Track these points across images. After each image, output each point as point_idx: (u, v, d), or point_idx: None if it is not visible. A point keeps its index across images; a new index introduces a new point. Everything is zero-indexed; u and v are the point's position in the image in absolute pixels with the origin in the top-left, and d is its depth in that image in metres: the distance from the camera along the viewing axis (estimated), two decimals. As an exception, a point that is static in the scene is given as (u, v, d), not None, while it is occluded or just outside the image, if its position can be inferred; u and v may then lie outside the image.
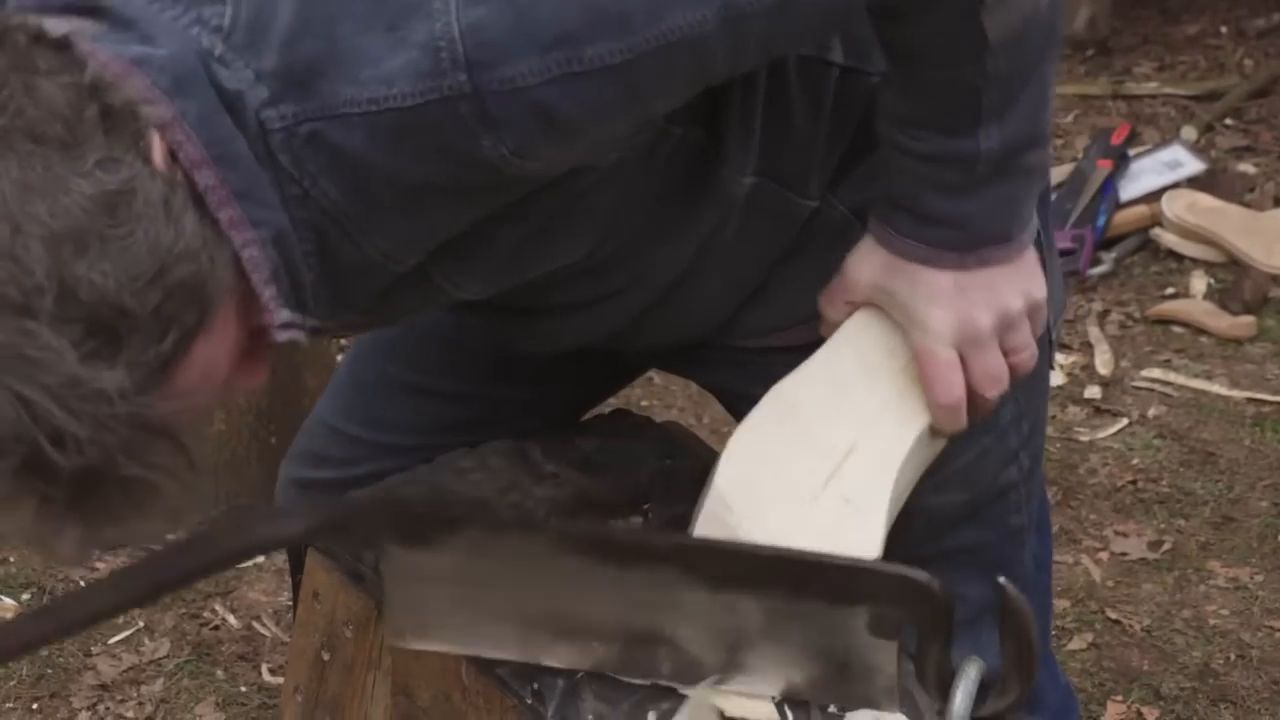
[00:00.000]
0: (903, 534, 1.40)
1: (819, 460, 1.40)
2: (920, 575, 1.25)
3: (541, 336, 1.57)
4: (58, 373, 1.07)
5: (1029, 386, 1.58)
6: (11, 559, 2.88)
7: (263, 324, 1.25)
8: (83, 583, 2.82)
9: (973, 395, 1.43)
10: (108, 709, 2.55)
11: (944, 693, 1.26)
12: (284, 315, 1.25)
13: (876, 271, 1.43)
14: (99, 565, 2.83)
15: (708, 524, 1.39)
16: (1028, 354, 1.44)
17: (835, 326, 1.48)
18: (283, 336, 1.26)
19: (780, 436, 1.42)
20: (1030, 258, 1.43)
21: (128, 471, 1.12)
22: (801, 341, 1.50)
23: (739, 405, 1.63)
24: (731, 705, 1.33)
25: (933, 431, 1.45)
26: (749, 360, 1.56)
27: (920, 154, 1.37)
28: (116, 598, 1.26)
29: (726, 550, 1.31)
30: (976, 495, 1.60)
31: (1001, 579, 1.20)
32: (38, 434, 1.07)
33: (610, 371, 1.79)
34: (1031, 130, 1.38)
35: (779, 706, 1.35)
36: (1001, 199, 1.39)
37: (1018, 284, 1.42)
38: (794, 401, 1.44)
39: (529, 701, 1.39)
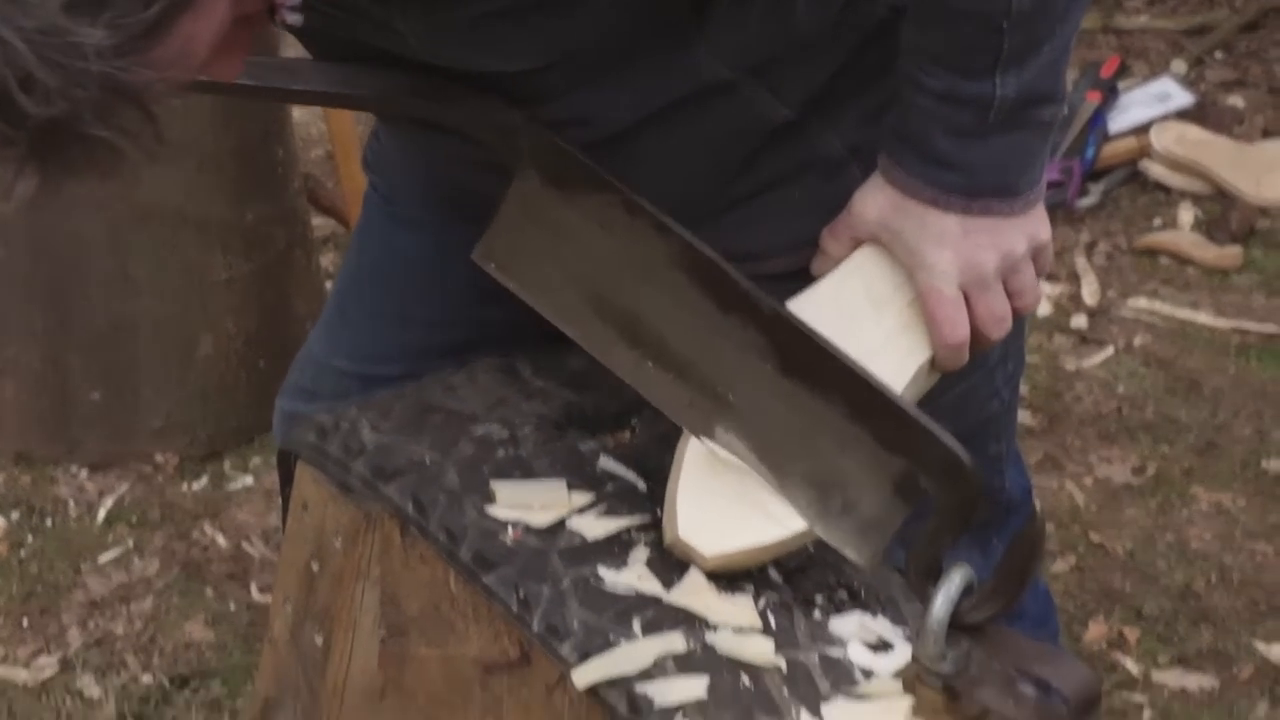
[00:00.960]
0: None
1: None
2: (968, 457, 1.27)
3: (471, 161, 1.57)
4: (38, 17, 1.07)
5: (1015, 325, 1.60)
6: (-1, 477, 2.90)
7: (250, 12, 1.27)
8: (71, 503, 2.83)
9: (976, 334, 1.44)
10: (98, 625, 2.57)
11: (923, 590, 1.27)
12: None
13: (884, 209, 1.43)
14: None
15: (699, 445, 1.41)
16: (1031, 296, 1.45)
17: (834, 261, 1.49)
18: (290, 19, 1.33)
19: None
20: (1039, 208, 1.44)
21: (92, 130, 1.13)
22: (786, 270, 1.51)
23: None
24: (713, 609, 1.34)
25: (931, 367, 1.47)
26: None
27: (935, 92, 1.37)
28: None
29: (814, 343, 1.33)
30: (961, 427, 1.62)
31: (1037, 503, 1.21)
32: (8, 74, 1.07)
33: None
34: (1050, 84, 1.37)
35: (763, 612, 1.37)
36: (1011, 150, 1.39)
37: (1024, 227, 1.42)
38: None
39: (515, 610, 1.40)
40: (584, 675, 1.32)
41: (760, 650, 1.32)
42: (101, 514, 2.81)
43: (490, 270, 1.43)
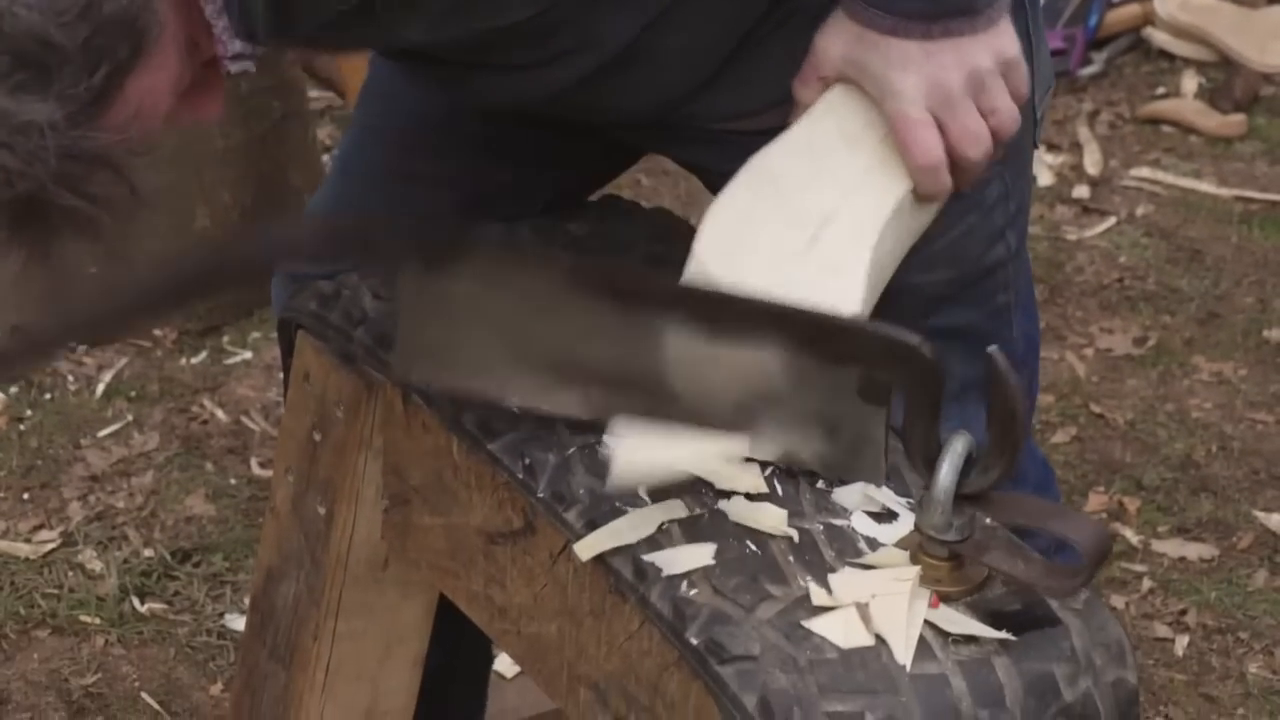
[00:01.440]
0: (891, 313, 1.40)
1: (799, 227, 1.41)
2: (910, 337, 1.26)
3: (489, 92, 1.57)
4: None
5: (1014, 164, 1.58)
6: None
7: (214, 56, 1.26)
8: (70, 378, 2.83)
9: (956, 159, 1.43)
10: (98, 499, 2.57)
11: (930, 466, 1.27)
12: (235, 46, 1.27)
13: (847, 43, 1.43)
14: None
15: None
16: (1006, 114, 1.43)
17: (807, 107, 1.48)
18: (235, 68, 1.30)
19: (760, 205, 1.43)
20: (1003, 24, 1.42)
21: (64, 201, 1.14)
22: (776, 124, 1.50)
23: (719, 184, 1.62)
24: (721, 476, 1.34)
25: (916, 199, 1.45)
26: (726, 140, 1.55)
27: None
28: (133, 301, 1.29)
29: (726, 298, 1.32)
30: (963, 273, 1.61)
31: (991, 348, 1.20)
32: None
33: (599, 156, 1.77)
34: None
35: (768, 480, 1.36)
36: None
37: (988, 43, 1.41)
38: (773, 171, 1.44)
39: (520, 477, 1.40)
40: (587, 547, 1.31)
41: (773, 518, 1.31)
42: (100, 388, 2.80)
43: (414, 383, 1.42)
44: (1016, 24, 1.54)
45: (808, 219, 1.42)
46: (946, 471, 1.25)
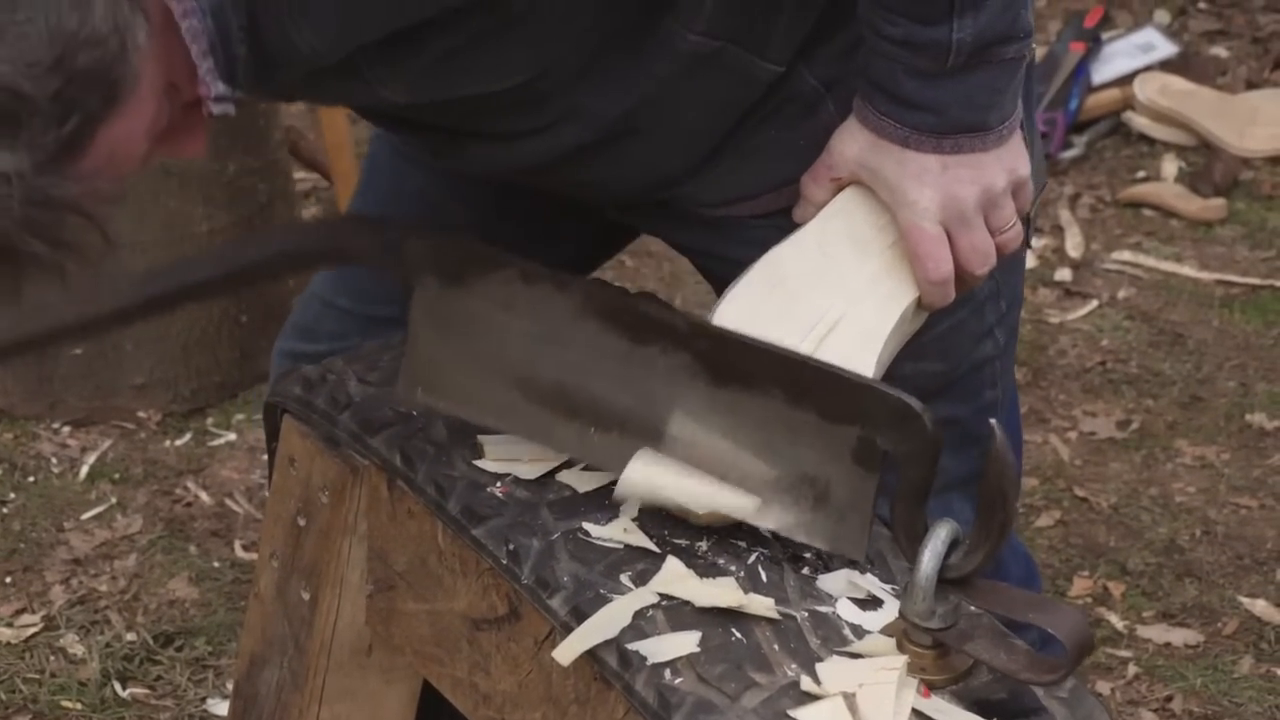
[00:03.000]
0: None
1: (805, 330, 1.41)
2: (914, 402, 1.27)
3: (470, 160, 1.58)
4: None
5: (1006, 264, 1.59)
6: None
7: (195, 97, 1.28)
8: (54, 460, 2.82)
9: (960, 272, 1.44)
10: (81, 583, 2.56)
11: (914, 548, 1.27)
12: (219, 88, 1.29)
13: (863, 148, 1.44)
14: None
15: None
16: (1013, 231, 1.46)
17: (817, 204, 1.49)
18: (217, 109, 1.30)
19: (767, 305, 1.43)
20: (1014, 141, 1.44)
21: (33, 249, 1.15)
22: (768, 209, 1.51)
23: (709, 265, 1.63)
24: (700, 594, 1.33)
25: (918, 307, 1.46)
26: (718, 223, 1.56)
27: (894, 39, 1.37)
28: (140, 296, 1.30)
29: (737, 342, 1.33)
30: (952, 367, 1.61)
31: (993, 421, 1.20)
32: None
33: (592, 239, 1.78)
34: (1007, 24, 1.38)
35: (752, 566, 1.36)
36: (977, 88, 1.39)
37: (1002, 162, 1.43)
38: (782, 271, 1.45)
39: (504, 563, 1.39)
40: (566, 653, 1.31)
41: (761, 605, 1.31)
42: (84, 471, 2.80)
43: (418, 399, 1.43)
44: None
45: (814, 323, 1.42)
46: (929, 557, 1.25)
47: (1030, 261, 3.41)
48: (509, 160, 1.54)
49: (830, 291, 1.44)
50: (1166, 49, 4.01)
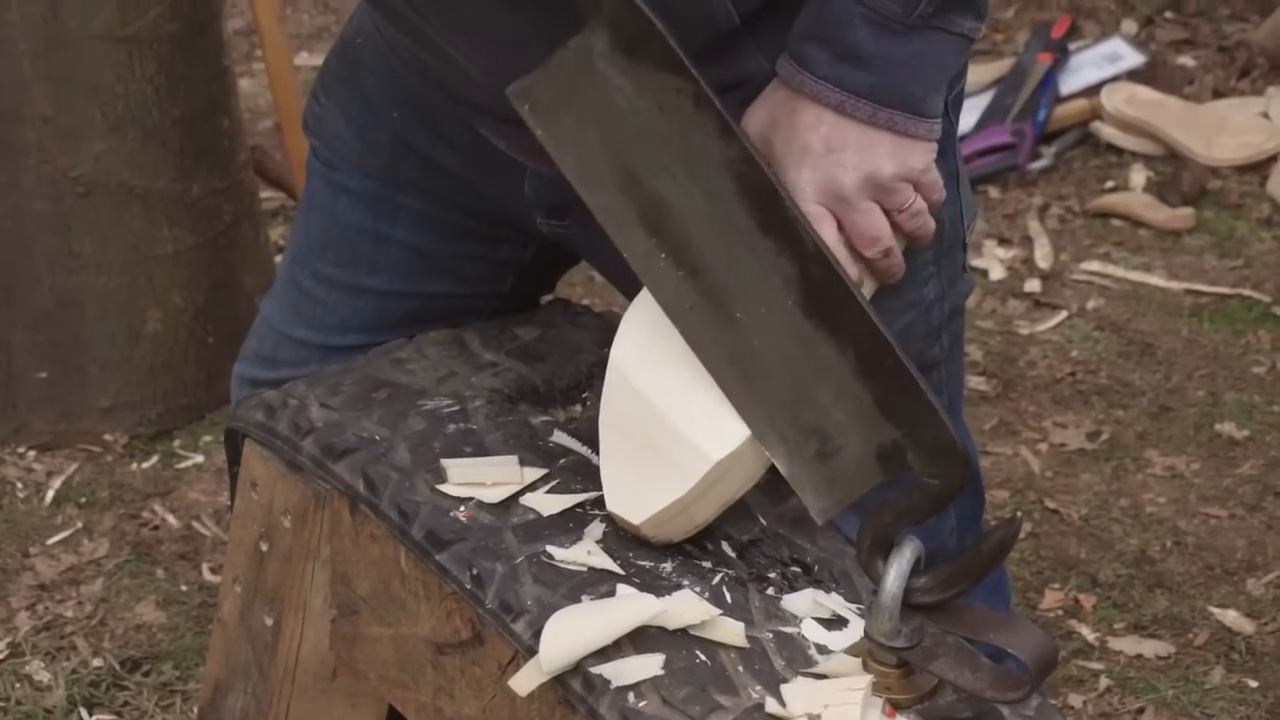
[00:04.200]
0: None
1: None
2: (963, 446, 1.27)
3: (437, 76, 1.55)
4: None
5: (948, 270, 1.60)
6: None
7: None
8: (19, 484, 2.80)
9: (862, 257, 1.43)
10: (47, 609, 2.54)
11: (873, 562, 1.26)
12: None
13: (763, 123, 1.43)
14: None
15: (609, 397, 1.40)
16: (910, 215, 1.44)
17: None
18: None
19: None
20: (930, 146, 1.43)
21: None
22: None
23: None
24: (670, 614, 1.32)
25: None
26: None
27: None
28: None
29: (845, 292, 1.32)
30: None
31: (1019, 513, 1.21)
32: None
33: (533, 270, 1.78)
34: None
35: (716, 587, 1.36)
36: (928, 56, 1.39)
37: (895, 153, 1.41)
38: None
39: (468, 587, 1.39)
40: (522, 684, 1.30)
41: (730, 632, 1.30)
42: (50, 495, 2.78)
43: (523, 111, 1.39)
44: (950, 148, 1.55)
45: None
46: (894, 577, 1.25)
47: (999, 273, 3.42)
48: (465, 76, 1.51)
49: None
50: (1133, 59, 4.02)
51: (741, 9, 1.46)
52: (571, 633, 1.28)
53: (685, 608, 1.32)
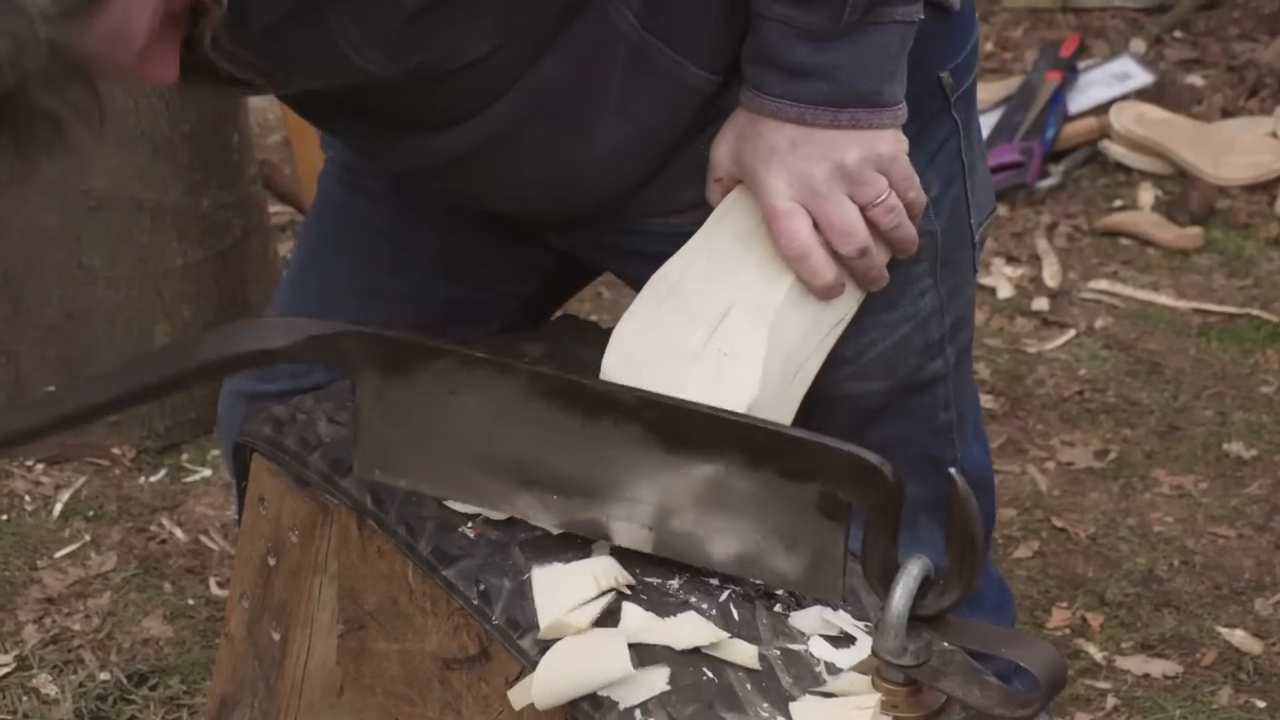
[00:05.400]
0: (827, 424, 1.41)
1: (698, 324, 1.45)
2: (872, 456, 1.26)
3: (414, 156, 1.57)
4: None
5: (949, 281, 1.60)
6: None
7: (177, 10, 1.27)
8: (27, 498, 2.80)
9: (838, 256, 1.45)
10: (54, 622, 2.54)
11: (888, 587, 1.26)
12: None
13: (730, 143, 1.47)
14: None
15: None
16: (884, 210, 1.45)
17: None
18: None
19: (661, 313, 1.47)
20: (896, 131, 1.45)
21: (42, 103, 1.16)
22: (694, 224, 1.52)
23: None
24: (679, 635, 1.32)
25: (810, 287, 1.47)
26: (668, 250, 1.55)
27: None
28: (94, 398, 1.31)
29: (685, 411, 1.33)
30: (898, 384, 1.62)
31: (953, 470, 1.20)
32: None
33: (555, 273, 1.78)
34: None
35: (724, 604, 1.35)
36: (869, 53, 1.41)
37: (860, 142, 1.43)
38: (672, 280, 1.48)
39: (475, 603, 1.39)
40: (518, 696, 1.30)
41: (742, 653, 1.30)
42: (57, 508, 2.78)
43: (376, 478, 1.43)
44: (952, 151, 1.56)
45: (706, 316, 1.45)
46: (900, 595, 1.25)
47: (1007, 291, 3.42)
48: (450, 149, 1.53)
49: (719, 285, 1.47)
50: (1142, 78, 4.02)
51: (718, 69, 1.48)
52: (567, 672, 1.28)
53: (692, 631, 1.32)
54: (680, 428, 1.33)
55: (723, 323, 1.44)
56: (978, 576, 1.24)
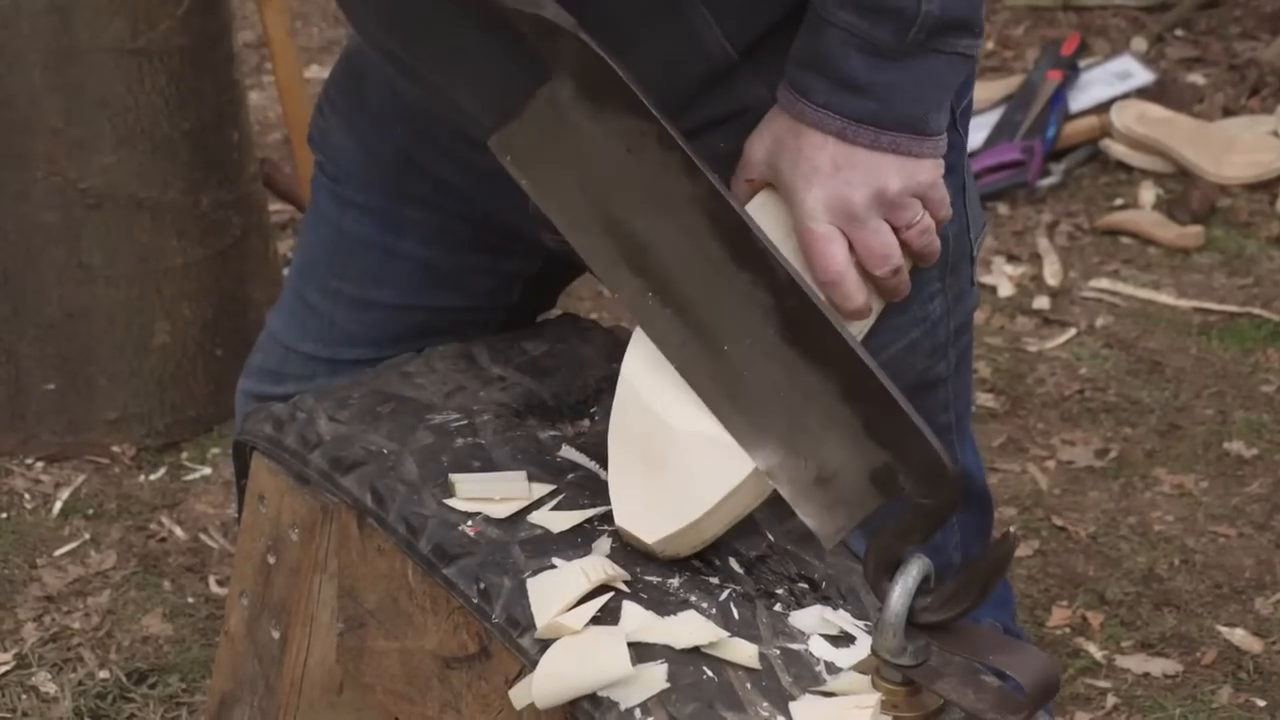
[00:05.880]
0: None
1: None
2: (952, 464, 1.27)
3: (428, 102, 1.56)
4: None
5: (953, 287, 1.59)
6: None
7: None
8: (27, 496, 2.80)
9: (868, 275, 1.44)
10: (54, 620, 2.54)
11: (879, 581, 1.26)
12: None
13: (768, 147, 1.44)
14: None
15: (620, 412, 1.40)
16: (918, 232, 1.44)
17: None
18: None
19: None
20: (937, 162, 1.43)
21: None
22: None
23: None
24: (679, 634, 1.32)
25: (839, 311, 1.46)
26: None
27: (857, 4, 1.36)
28: None
29: (825, 321, 1.33)
30: (905, 386, 1.61)
31: (1011, 529, 1.20)
32: None
33: (536, 280, 1.78)
34: (971, 13, 1.38)
35: (724, 603, 1.35)
36: (926, 78, 1.39)
37: (901, 169, 1.41)
38: None
39: (475, 601, 1.38)
40: (519, 696, 1.30)
41: (743, 653, 1.30)
42: (57, 506, 2.78)
43: (505, 162, 1.41)
44: (958, 165, 1.55)
45: None
46: (899, 595, 1.25)
47: (1008, 289, 3.41)
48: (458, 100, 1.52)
49: None
50: (1143, 76, 4.02)
51: (737, 43, 1.46)
52: (567, 672, 1.28)
53: (692, 631, 1.31)
54: (809, 327, 1.32)
55: None
56: (982, 601, 1.25)
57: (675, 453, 1.37)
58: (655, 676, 1.28)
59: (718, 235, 1.35)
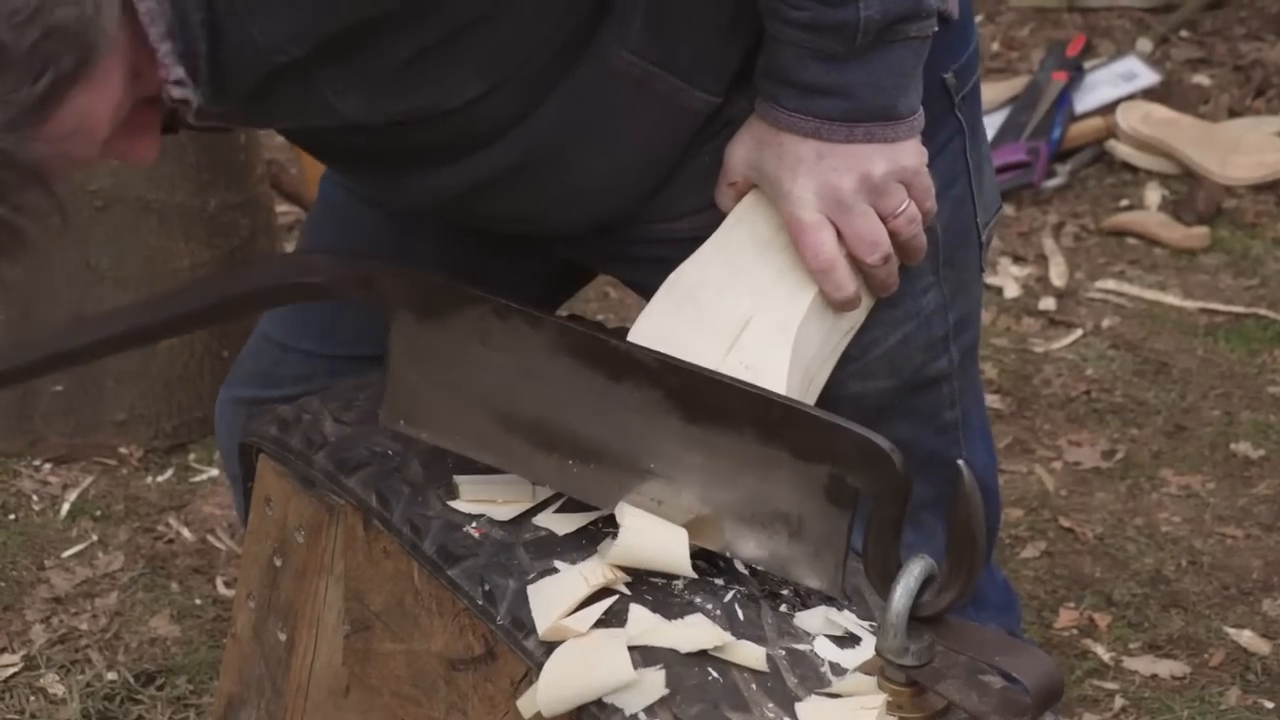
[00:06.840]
0: None
1: (717, 335, 1.44)
2: (884, 442, 1.26)
3: (410, 190, 1.57)
4: None
5: (954, 279, 1.60)
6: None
7: (154, 94, 1.27)
8: (35, 497, 2.81)
9: (857, 264, 1.45)
10: (62, 621, 2.54)
11: (883, 584, 1.26)
12: (178, 72, 1.27)
13: (749, 149, 1.46)
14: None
15: None
16: (905, 220, 1.46)
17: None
18: (175, 94, 1.29)
19: (679, 319, 1.45)
20: (915, 140, 1.45)
21: None
22: (698, 228, 1.52)
23: None
24: (684, 638, 1.33)
25: (831, 300, 1.47)
26: (668, 255, 1.56)
27: (801, 23, 1.39)
28: (142, 320, 1.35)
29: (706, 379, 1.34)
30: (902, 383, 1.62)
31: (960, 461, 1.20)
32: None
33: (551, 277, 1.78)
34: (913, 4, 1.40)
35: (728, 604, 1.35)
36: (883, 70, 1.41)
37: (884, 153, 1.43)
38: (689, 285, 1.47)
39: (480, 603, 1.38)
40: (526, 706, 1.30)
41: (750, 655, 1.30)
42: (65, 508, 2.79)
43: (400, 429, 1.44)
44: (957, 150, 1.56)
45: (725, 327, 1.44)
46: (901, 594, 1.24)
47: (1014, 290, 3.42)
48: (448, 187, 1.54)
49: (738, 294, 1.46)
50: (1149, 77, 4.02)
51: (717, 90, 1.49)
52: (572, 678, 1.29)
53: (698, 634, 1.31)
54: (700, 396, 1.33)
55: (742, 335, 1.43)
56: (977, 574, 1.24)
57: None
58: (660, 679, 1.28)
59: (585, 364, 1.36)
